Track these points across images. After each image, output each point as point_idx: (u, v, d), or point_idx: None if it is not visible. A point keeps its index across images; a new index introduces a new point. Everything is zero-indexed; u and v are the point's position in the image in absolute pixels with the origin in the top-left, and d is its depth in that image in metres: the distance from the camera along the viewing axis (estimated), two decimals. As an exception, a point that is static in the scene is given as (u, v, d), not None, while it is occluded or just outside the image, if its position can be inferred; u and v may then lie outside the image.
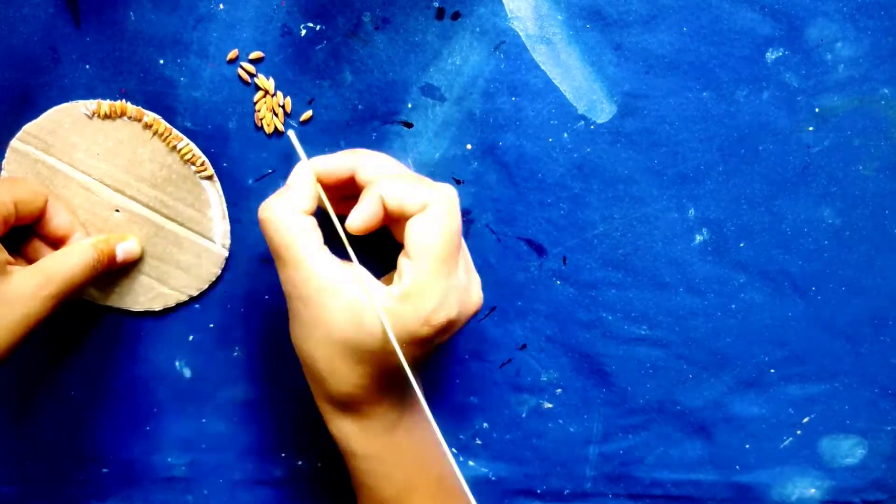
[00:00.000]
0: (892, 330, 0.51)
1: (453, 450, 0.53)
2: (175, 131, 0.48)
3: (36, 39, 0.47)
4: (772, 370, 0.52)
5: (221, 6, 0.47)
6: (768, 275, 0.51)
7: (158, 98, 0.48)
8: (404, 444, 0.46)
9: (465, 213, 0.50)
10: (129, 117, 0.48)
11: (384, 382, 0.43)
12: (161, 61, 0.48)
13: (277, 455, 0.53)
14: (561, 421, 0.53)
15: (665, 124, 0.49)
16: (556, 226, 0.50)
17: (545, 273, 0.51)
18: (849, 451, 0.53)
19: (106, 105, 0.47)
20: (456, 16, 0.48)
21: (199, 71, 0.48)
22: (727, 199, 0.50)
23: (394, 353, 0.41)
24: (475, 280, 0.45)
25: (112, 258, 0.48)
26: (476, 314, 0.44)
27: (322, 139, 0.49)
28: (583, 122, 0.49)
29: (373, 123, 0.49)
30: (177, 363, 0.52)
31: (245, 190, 0.49)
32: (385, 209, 0.42)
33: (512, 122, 0.49)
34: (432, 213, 0.41)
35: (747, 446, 0.53)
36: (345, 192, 0.45)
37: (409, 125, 0.49)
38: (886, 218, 0.50)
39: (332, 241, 0.42)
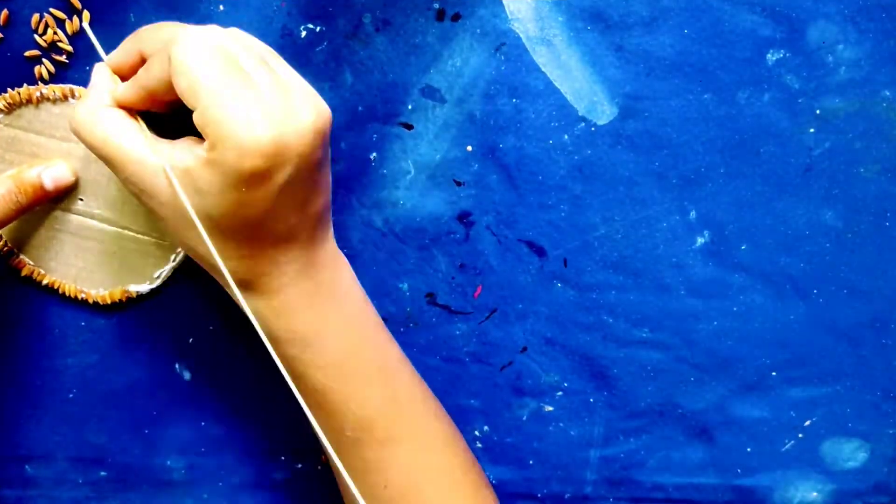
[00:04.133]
0: (895, 332, 0.51)
1: (454, 453, 0.53)
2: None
3: (36, 41, 0.47)
4: (773, 373, 0.52)
5: (221, 7, 0.47)
6: (770, 277, 0.51)
7: (158, 99, 0.48)
8: (330, 321, 0.43)
9: (466, 215, 0.50)
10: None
11: (274, 249, 0.41)
12: (161, 63, 0.48)
13: (277, 458, 0.53)
14: (562, 424, 0.52)
15: (666, 126, 0.49)
16: (556, 228, 0.50)
17: (546, 275, 0.51)
18: (851, 454, 0.53)
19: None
20: (456, 17, 0.48)
21: (200, 72, 0.48)
22: (728, 201, 0.50)
23: (270, 216, 0.39)
24: (302, 100, 0.39)
25: (38, 189, 0.45)
26: (323, 130, 0.40)
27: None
28: (583, 124, 0.49)
29: (373, 125, 0.49)
30: (176, 365, 0.51)
31: (245, 192, 0.49)
32: (143, 59, 0.41)
33: (512, 123, 0.49)
34: (171, 45, 0.38)
35: (749, 449, 0.53)
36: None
37: (410, 127, 0.49)
38: (888, 220, 0.50)
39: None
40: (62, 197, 0.48)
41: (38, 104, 0.47)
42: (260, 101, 0.37)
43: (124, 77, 0.43)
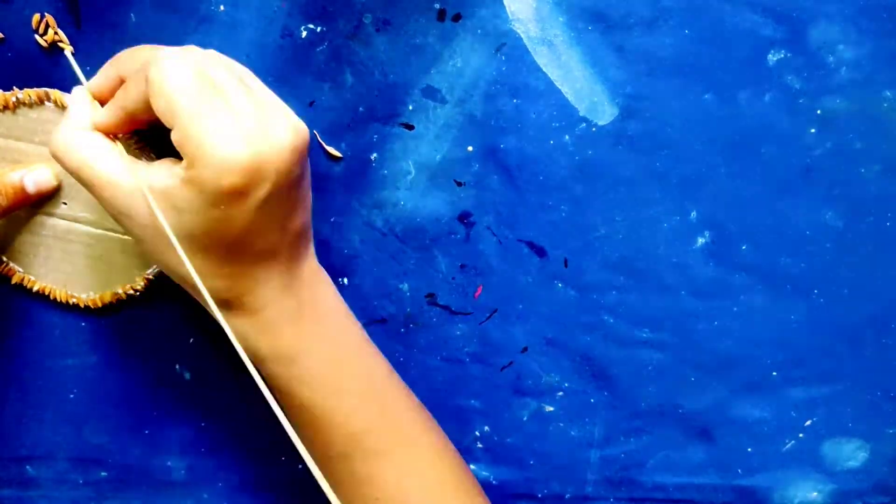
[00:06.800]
0: (895, 332, 0.51)
1: (454, 453, 0.53)
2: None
3: (36, 41, 0.47)
4: (774, 373, 0.52)
5: (222, 7, 0.47)
6: (770, 277, 0.51)
7: (159, 100, 0.48)
8: (314, 338, 0.43)
9: (467, 215, 0.50)
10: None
11: (255, 267, 0.41)
12: (161, 63, 0.47)
13: (277, 458, 0.53)
14: (562, 424, 0.52)
15: (667, 126, 0.49)
16: (557, 228, 0.50)
17: (546, 275, 0.51)
18: (851, 454, 0.53)
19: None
20: (457, 18, 0.48)
21: (200, 73, 0.48)
22: (729, 201, 0.50)
23: (250, 233, 0.39)
24: (278, 118, 0.39)
25: (20, 192, 0.46)
26: (300, 148, 0.40)
27: (323, 141, 0.49)
28: (584, 125, 0.49)
29: (373, 125, 0.49)
30: (176, 366, 0.51)
31: (245, 192, 0.49)
32: (121, 78, 0.41)
33: (513, 124, 0.49)
34: (148, 66, 0.38)
35: (749, 449, 0.53)
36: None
37: (410, 127, 0.49)
38: (888, 220, 0.50)
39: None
40: (45, 201, 0.48)
41: (15, 110, 0.47)
42: (237, 119, 0.37)
43: (104, 102, 0.43)
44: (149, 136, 0.45)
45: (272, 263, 0.41)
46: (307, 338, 0.43)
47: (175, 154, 0.39)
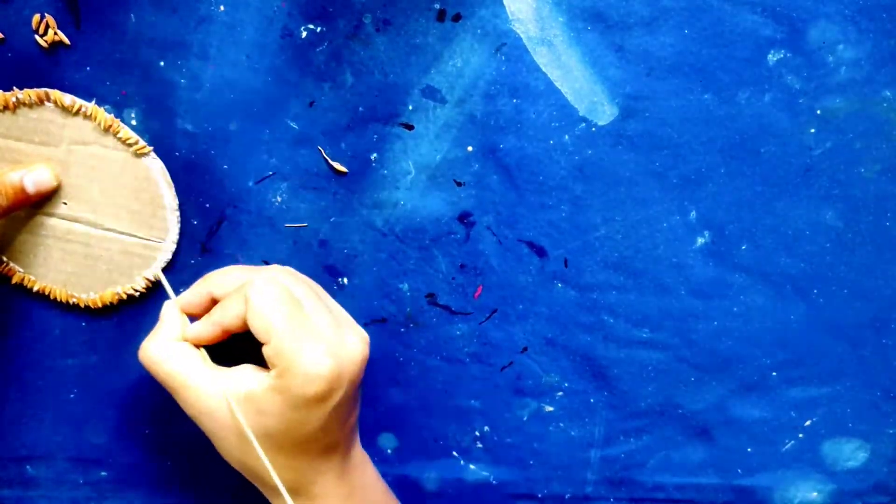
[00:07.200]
0: (895, 332, 0.51)
1: (454, 454, 0.53)
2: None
3: (36, 41, 0.47)
4: (773, 373, 0.52)
5: (222, 8, 0.47)
6: (770, 277, 0.51)
7: (159, 100, 0.48)
8: None
9: (467, 215, 0.50)
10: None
11: (319, 460, 0.45)
12: (162, 63, 0.48)
13: (277, 458, 0.53)
14: (562, 424, 0.52)
15: (666, 126, 0.49)
16: (557, 228, 0.50)
17: (546, 275, 0.51)
18: (851, 454, 0.53)
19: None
20: (457, 18, 0.48)
21: (200, 73, 0.48)
22: (729, 201, 0.50)
23: (320, 431, 0.44)
24: (350, 332, 0.45)
25: (20, 192, 0.46)
26: (367, 357, 0.45)
27: (323, 141, 0.49)
28: (584, 125, 0.49)
29: (373, 126, 0.49)
30: (177, 366, 0.51)
31: (246, 192, 0.49)
32: (213, 300, 0.46)
33: (513, 124, 0.49)
34: (247, 289, 0.43)
35: (749, 449, 0.53)
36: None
37: (410, 127, 0.49)
38: (888, 220, 0.50)
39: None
40: (46, 201, 0.48)
41: (15, 110, 0.47)
42: (319, 335, 0.43)
43: (191, 315, 0.47)
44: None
45: (333, 455, 0.46)
46: None
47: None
